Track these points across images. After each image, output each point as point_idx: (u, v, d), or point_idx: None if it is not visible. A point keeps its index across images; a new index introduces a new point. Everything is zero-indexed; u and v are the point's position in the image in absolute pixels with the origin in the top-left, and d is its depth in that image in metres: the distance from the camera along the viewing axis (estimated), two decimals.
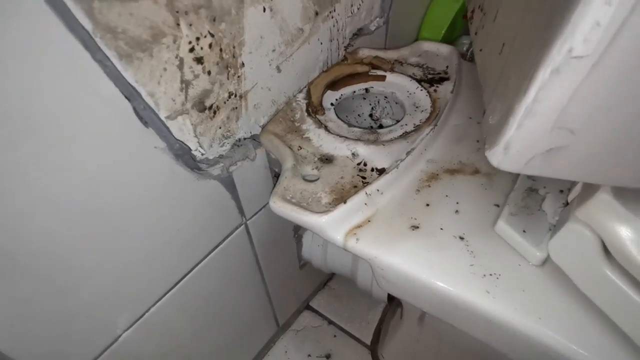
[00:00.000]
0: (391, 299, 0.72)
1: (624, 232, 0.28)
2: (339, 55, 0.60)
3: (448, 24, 0.77)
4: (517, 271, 0.34)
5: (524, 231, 0.35)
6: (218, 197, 0.49)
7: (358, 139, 0.47)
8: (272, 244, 0.66)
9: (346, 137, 0.47)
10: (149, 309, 0.46)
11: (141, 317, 0.45)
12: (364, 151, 0.46)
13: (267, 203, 0.58)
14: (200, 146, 0.43)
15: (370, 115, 0.60)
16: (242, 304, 0.66)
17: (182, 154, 0.41)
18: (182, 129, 0.40)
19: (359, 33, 0.62)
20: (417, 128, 0.48)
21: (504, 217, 0.37)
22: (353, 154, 0.46)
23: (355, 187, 0.43)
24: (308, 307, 0.90)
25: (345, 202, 0.39)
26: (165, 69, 0.36)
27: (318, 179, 0.44)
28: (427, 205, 0.41)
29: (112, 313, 0.41)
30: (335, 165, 0.45)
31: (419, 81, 0.55)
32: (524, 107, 0.24)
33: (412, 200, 0.42)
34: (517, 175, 0.42)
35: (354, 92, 0.56)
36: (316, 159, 0.46)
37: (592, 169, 0.26)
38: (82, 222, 0.34)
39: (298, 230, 0.71)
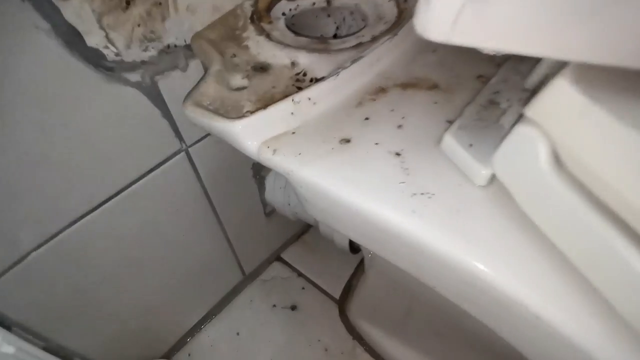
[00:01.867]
0: (355, 249, 0.67)
1: (583, 128, 0.21)
2: None
3: None
4: (454, 191, 0.28)
5: (470, 145, 0.29)
6: (143, 111, 0.43)
7: (302, 48, 0.40)
8: (226, 181, 0.60)
9: (288, 45, 0.40)
10: (65, 227, 0.42)
11: (54, 236, 0.41)
12: (305, 60, 0.39)
13: (210, 133, 0.52)
14: (111, 44, 0.37)
15: (335, 36, 0.53)
16: (195, 242, 0.62)
17: (75, 41, 0.35)
18: (80, 14, 0.34)
19: None
20: (374, 39, 0.40)
21: (451, 130, 0.30)
22: (292, 63, 0.39)
23: (287, 95, 0.36)
24: (279, 259, 0.86)
25: (265, 108, 0.33)
26: None
27: (245, 88, 0.37)
28: (366, 119, 0.34)
29: (13, 226, 0.37)
30: (270, 75, 0.38)
31: None
32: None
33: (349, 113, 0.35)
34: (479, 91, 0.34)
35: (314, 3, 0.48)
36: (249, 67, 0.39)
37: (543, 25, 0.19)
38: None
39: (260, 172, 0.66)
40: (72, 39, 0.34)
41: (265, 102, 0.35)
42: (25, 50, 0.32)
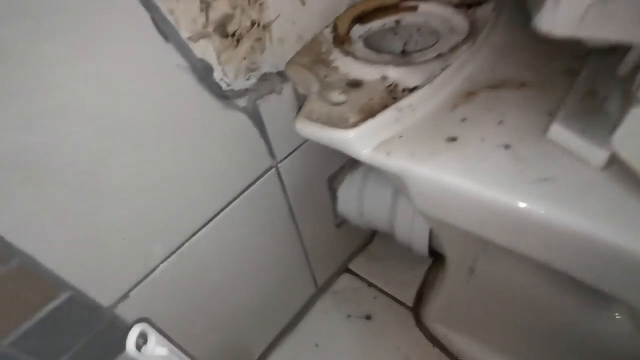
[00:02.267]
0: (433, 253, 0.68)
1: None
2: None
3: None
4: (576, 174, 0.30)
5: (582, 131, 0.31)
6: (246, 132, 0.48)
7: (388, 63, 0.44)
8: (306, 194, 0.64)
9: (375, 62, 0.44)
10: (185, 242, 0.47)
11: (177, 249, 0.46)
12: (394, 73, 0.43)
13: (299, 146, 0.57)
14: (225, 75, 0.43)
15: (403, 52, 0.57)
16: (278, 256, 0.66)
17: (206, 76, 0.40)
18: (205, 53, 0.40)
19: None
20: (453, 49, 0.44)
21: (559, 119, 0.33)
22: (383, 77, 0.43)
23: (386, 106, 0.40)
24: (347, 270, 0.89)
25: (373, 117, 0.37)
26: None
27: (345, 102, 0.41)
28: (464, 119, 0.37)
29: (147, 239, 0.42)
30: (364, 89, 0.42)
31: (455, 5, 0.51)
32: None
33: (447, 116, 0.38)
34: (572, 84, 0.37)
35: (384, 24, 0.53)
36: (343, 84, 0.44)
37: None
38: (108, 133, 0.34)
39: (333, 183, 0.70)
40: (204, 74, 0.39)
41: (367, 113, 0.39)
42: (168, 84, 0.37)
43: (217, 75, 0.41)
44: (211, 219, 0.49)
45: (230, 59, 0.42)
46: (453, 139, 0.35)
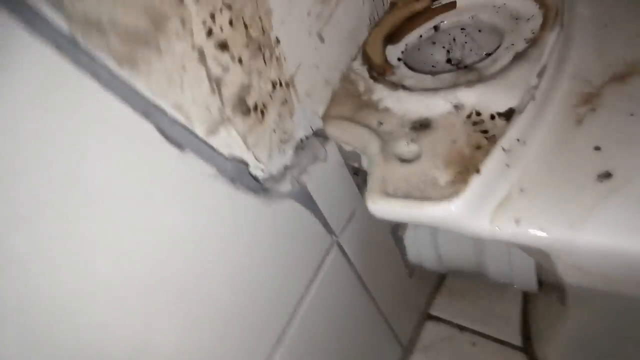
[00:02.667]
0: (541, 283, 0.56)
1: None
2: (384, 5, 0.47)
3: None
4: None
5: None
6: (297, 219, 0.38)
7: (454, 85, 0.34)
8: (372, 255, 0.54)
9: (437, 89, 0.34)
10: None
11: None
12: (470, 97, 0.32)
13: (355, 210, 0.47)
14: (258, 160, 0.33)
15: (449, 61, 0.47)
16: (357, 330, 0.55)
17: (239, 175, 0.31)
18: (229, 143, 0.30)
19: None
20: (533, 41, 0.33)
21: None
22: (456, 107, 0.33)
23: (479, 147, 0.29)
24: (429, 317, 0.76)
25: (478, 172, 0.26)
26: (184, 68, 0.26)
27: (420, 154, 0.31)
28: (605, 139, 0.26)
29: None
30: (437, 129, 0.32)
31: None
32: None
33: (573, 138, 0.27)
34: None
35: (421, 36, 0.43)
36: (407, 129, 0.33)
37: None
38: (147, 295, 0.25)
39: (397, 231, 0.59)
40: (235, 174, 0.30)
41: (459, 164, 0.29)
42: (197, 201, 0.28)
43: (250, 163, 0.32)
44: (285, 328, 0.39)
45: (259, 139, 0.33)
46: (607, 175, 0.24)
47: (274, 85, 0.34)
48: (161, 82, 0.25)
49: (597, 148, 0.26)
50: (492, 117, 0.31)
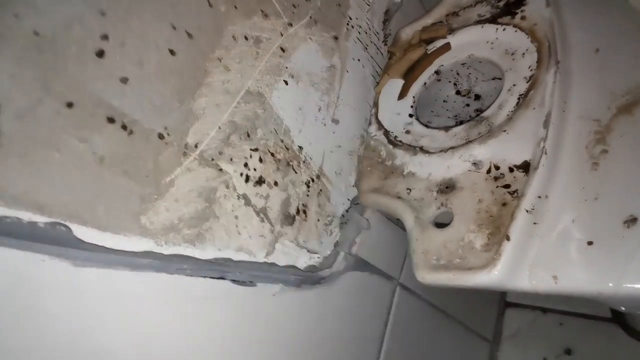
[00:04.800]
0: None
1: None
2: (383, 55, 0.50)
3: None
4: None
5: None
6: (359, 283, 0.43)
7: (468, 141, 0.36)
8: None
9: (453, 147, 0.37)
10: None
11: None
12: (485, 153, 0.35)
13: (406, 252, 0.51)
14: (312, 252, 0.39)
15: (458, 93, 0.48)
16: (442, 349, 0.59)
17: (301, 280, 0.37)
18: (286, 252, 0.36)
19: (388, 16, 0.51)
20: (533, 81, 0.35)
21: None
22: (474, 164, 0.35)
23: (504, 204, 0.32)
24: (508, 305, 0.78)
25: (508, 239, 0.29)
26: (236, 217, 0.32)
27: (452, 218, 0.34)
28: (622, 179, 0.28)
29: None
30: (462, 190, 0.35)
31: (493, 19, 0.41)
32: None
33: (591, 185, 0.29)
34: None
35: (425, 83, 0.45)
36: (435, 193, 0.37)
37: None
38: None
39: None
40: (299, 280, 0.36)
41: (490, 224, 0.32)
42: (279, 318, 0.34)
43: (304, 261, 0.37)
44: None
45: (308, 235, 0.38)
46: (634, 220, 0.26)
47: (307, 185, 0.39)
48: (224, 238, 0.31)
49: (617, 192, 0.27)
50: (511, 169, 0.33)
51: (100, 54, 0.24)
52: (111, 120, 0.25)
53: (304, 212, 0.38)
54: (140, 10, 0.26)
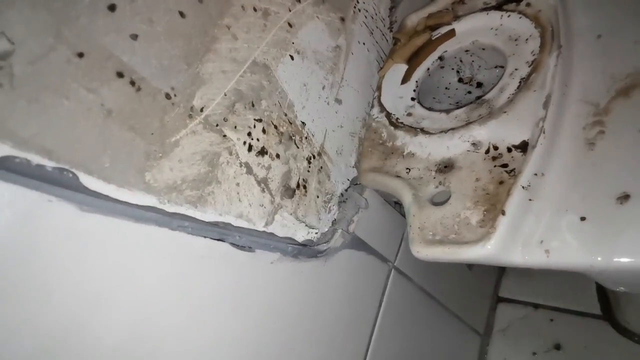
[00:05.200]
0: None
1: None
2: (388, 42, 0.50)
3: None
4: None
5: None
6: (355, 262, 0.44)
7: (468, 122, 0.37)
8: (429, 266, 0.58)
9: (453, 129, 0.37)
10: None
11: None
12: (484, 134, 0.35)
13: (404, 233, 0.51)
14: (310, 227, 0.39)
15: (461, 80, 0.49)
16: (433, 338, 0.60)
17: (299, 251, 0.37)
18: (285, 224, 0.36)
19: (395, 3, 0.51)
20: (535, 65, 0.35)
21: None
22: (474, 144, 0.36)
23: (501, 182, 0.32)
24: (500, 300, 0.78)
25: (503, 213, 0.30)
26: (237, 184, 0.32)
27: (450, 196, 0.35)
28: (619, 159, 0.28)
29: None
30: (460, 169, 0.36)
31: (499, 6, 0.42)
32: None
33: (590, 163, 0.30)
34: None
35: (428, 69, 0.46)
36: (433, 172, 0.37)
37: None
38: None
39: None
40: (296, 250, 0.36)
41: (486, 201, 0.32)
42: (272, 281, 0.35)
43: (303, 235, 0.38)
44: (366, 351, 0.45)
45: (307, 209, 0.39)
46: (626, 197, 0.27)
47: (309, 161, 0.39)
48: (225, 203, 0.31)
49: (611, 170, 0.28)
50: (509, 149, 0.34)
51: (112, 7, 0.24)
52: (120, 75, 0.25)
53: (304, 187, 0.39)
54: None
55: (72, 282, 0.22)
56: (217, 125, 0.31)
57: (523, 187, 0.30)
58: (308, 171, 0.39)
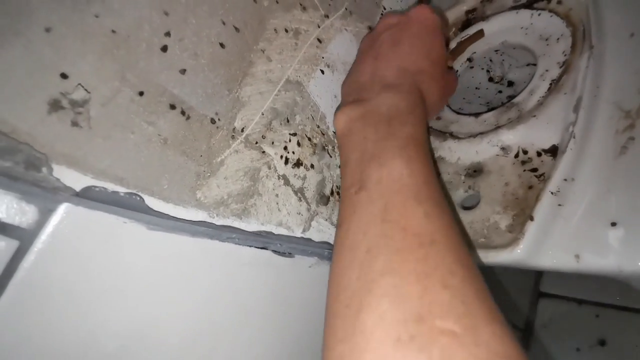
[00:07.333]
0: None
1: None
2: None
3: None
4: None
5: None
6: None
7: (497, 127, 0.37)
8: None
9: (481, 133, 0.38)
10: None
11: None
12: (513, 138, 0.36)
13: None
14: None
15: (491, 80, 0.49)
16: None
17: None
18: (321, 229, 0.39)
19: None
20: (566, 66, 0.35)
21: None
22: (503, 149, 0.36)
23: (531, 187, 0.33)
24: (542, 295, 0.77)
25: (532, 219, 0.31)
26: (277, 195, 0.35)
27: (479, 200, 0.36)
28: None
29: None
30: (489, 174, 0.36)
31: (529, 4, 0.42)
32: None
33: (621, 169, 0.29)
34: None
35: (457, 71, 0.46)
36: (463, 177, 0.38)
37: None
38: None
39: None
40: (332, 254, 0.39)
41: (515, 206, 0.33)
42: (311, 285, 0.37)
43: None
44: None
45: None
46: None
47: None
48: (266, 213, 0.34)
49: None
50: (539, 154, 0.34)
51: (164, 48, 0.28)
52: (172, 106, 0.28)
53: (338, 193, 0.41)
54: (196, 8, 0.30)
55: (145, 289, 0.26)
56: (256, 142, 0.34)
57: (552, 192, 0.31)
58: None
